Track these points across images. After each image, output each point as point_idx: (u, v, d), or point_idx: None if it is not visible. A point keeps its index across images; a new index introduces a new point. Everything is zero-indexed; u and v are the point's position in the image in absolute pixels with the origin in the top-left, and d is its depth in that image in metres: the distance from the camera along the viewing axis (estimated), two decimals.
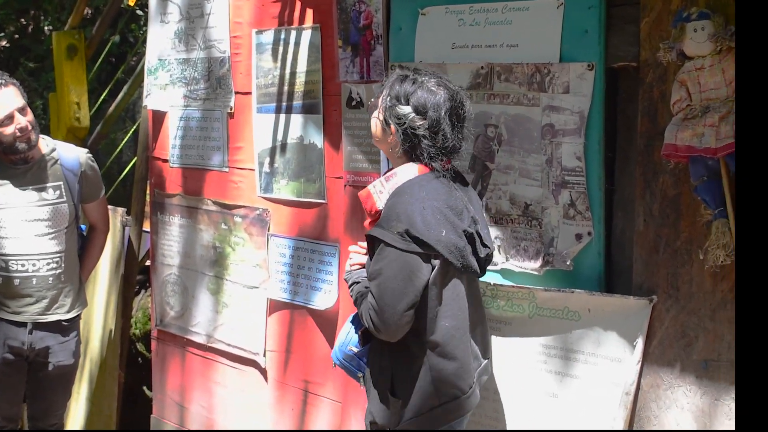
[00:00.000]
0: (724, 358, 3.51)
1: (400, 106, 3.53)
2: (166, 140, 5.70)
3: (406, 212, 3.42)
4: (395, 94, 3.56)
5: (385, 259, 3.43)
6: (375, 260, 3.47)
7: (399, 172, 3.56)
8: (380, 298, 3.42)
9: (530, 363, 4.01)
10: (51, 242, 4.82)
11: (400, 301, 3.41)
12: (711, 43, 3.33)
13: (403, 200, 3.46)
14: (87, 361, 6.32)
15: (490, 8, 4.04)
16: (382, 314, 3.42)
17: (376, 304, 3.43)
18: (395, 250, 3.41)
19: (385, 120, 3.58)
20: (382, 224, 3.45)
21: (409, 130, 3.52)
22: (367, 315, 3.49)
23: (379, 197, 3.57)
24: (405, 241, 3.40)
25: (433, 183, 3.53)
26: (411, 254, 3.41)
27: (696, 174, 3.44)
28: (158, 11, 5.64)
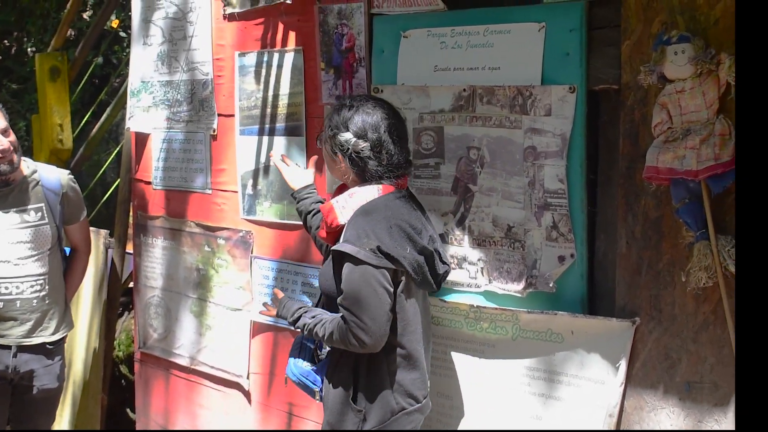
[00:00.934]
0: (706, 380, 3.52)
1: (341, 134, 3.67)
2: (149, 162, 5.69)
3: (374, 230, 3.54)
4: (335, 123, 3.71)
5: (361, 277, 3.52)
6: (349, 279, 3.54)
7: (361, 191, 3.68)
8: (364, 314, 3.51)
9: (514, 385, 4.01)
10: (34, 264, 4.80)
11: (382, 313, 3.53)
12: (691, 66, 3.35)
13: (371, 218, 3.56)
14: (70, 383, 6.29)
15: (472, 31, 4.05)
16: (368, 329, 3.51)
17: (359, 321, 3.51)
18: (369, 267, 3.51)
19: (331, 150, 3.73)
20: (352, 241, 3.53)
21: (354, 155, 3.65)
22: (345, 334, 3.55)
23: (341, 212, 3.66)
24: (377, 257, 3.50)
25: (395, 202, 3.66)
26: (382, 269, 3.52)
27: (677, 196, 3.46)
28: (141, 33, 5.64)
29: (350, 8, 4.45)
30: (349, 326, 3.53)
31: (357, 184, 3.72)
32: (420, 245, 3.62)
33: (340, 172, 3.77)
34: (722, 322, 3.44)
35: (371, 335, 3.52)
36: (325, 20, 4.56)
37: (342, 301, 3.57)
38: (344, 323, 3.55)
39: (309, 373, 3.84)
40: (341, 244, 3.55)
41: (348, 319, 3.53)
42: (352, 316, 3.52)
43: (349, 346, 3.57)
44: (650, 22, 3.56)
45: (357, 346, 3.54)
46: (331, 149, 3.73)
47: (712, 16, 3.41)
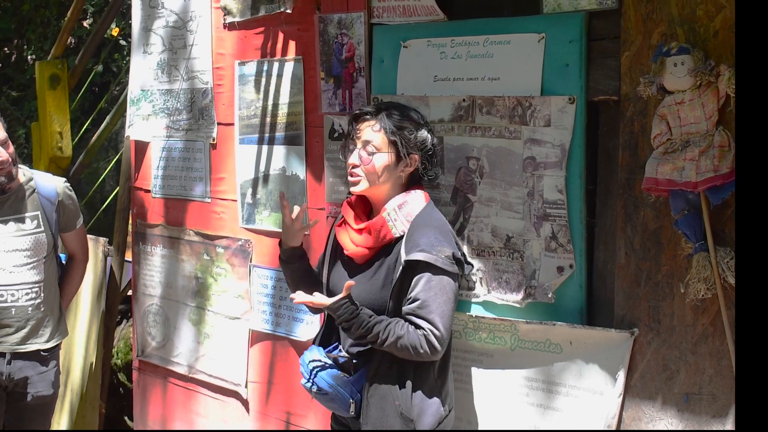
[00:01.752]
0: (705, 391, 3.51)
1: (419, 132, 3.76)
2: (149, 170, 5.69)
3: (446, 238, 3.64)
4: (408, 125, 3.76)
5: (440, 284, 3.57)
6: (427, 286, 3.56)
7: (410, 200, 3.73)
8: (441, 322, 3.56)
9: (512, 395, 4.01)
10: (30, 272, 4.79)
11: (451, 322, 3.63)
12: (691, 78, 3.35)
13: (436, 227, 3.66)
14: (68, 391, 6.28)
15: (472, 41, 4.06)
16: (441, 337, 3.56)
17: (435, 329, 3.55)
18: (446, 275, 3.58)
19: (402, 153, 3.74)
20: (427, 249, 3.55)
21: (431, 149, 3.83)
22: (420, 340, 3.54)
23: (394, 225, 3.69)
24: (451, 264, 3.59)
25: (437, 209, 3.82)
26: (455, 276, 3.63)
27: (676, 208, 3.46)
28: (141, 42, 5.65)
29: (350, 18, 4.46)
30: (425, 333, 3.53)
31: (402, 188, 3.78)
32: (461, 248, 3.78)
33: (391, 180, 3.77)
34: (721, 333, 3.44)
35: (443, 344, 3.57)
36: (325, 30, 4.57)
37: (416, 309, 3.56)
38: (417, 330, 3.55)
39: (347, 383, 3.74)
40: (415, 254, 3.56)
41: (424, 327, 3.54)
42: (428, 323, 3.54)
43: (417, 353, 3.55)
44: (650, 34, 3.57)
45: (428, 353, 3.55)
46: (402, 151, 3.73)
47: (711, 27, 3.41)
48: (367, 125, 3.77)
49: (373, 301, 3.70)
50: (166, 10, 5.46)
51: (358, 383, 3.75)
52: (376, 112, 3.77)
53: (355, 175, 3.77)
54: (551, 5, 3.84)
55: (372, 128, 3.75)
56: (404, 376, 3.66)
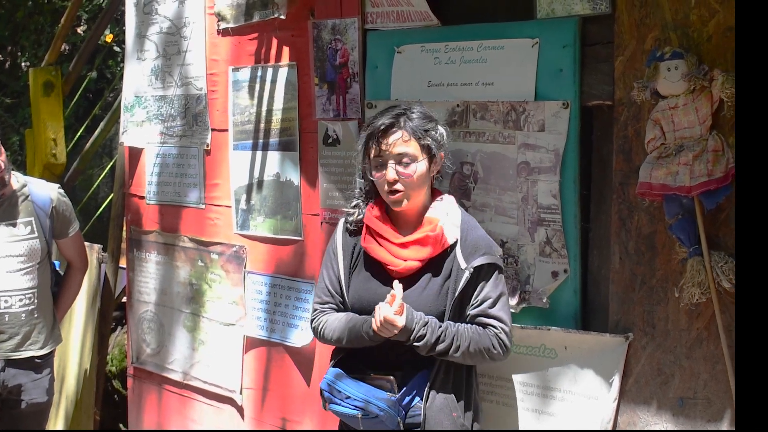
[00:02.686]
0: (700, 395, 3.52)
1: (437, 129, 3.69)
2: (143, 177, 5.69)
3: (492, 239, 3.70)
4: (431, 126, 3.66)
5: (502, 283, 3.63)
6: (495, 285, 3.59)
7: (449, 206, 3.71)
8: (508, 320, 3.61)
9: (507, 401, 4.01)
10: (23, 278, 4.78)
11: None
12: (684, 83, 3.36)
13: (480, 228, 3.70)
14: (62, 398, 6.27)
15: (466, 47, 4.06)
16: (511, 335, 3.61)
17: (506, 327, 3.58)
18: (502, 272, 3.65)
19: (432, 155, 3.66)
20: (490, 252, 3.60)
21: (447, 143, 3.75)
22: (492, 341, 3.55)
23: (449, 232, 3.63)
24: (504, 263, 3.71)
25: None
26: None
27: (671, 212, 3.46)
28: (135, 48, 5.64)
29: (344, 24, 4.46)
30: (497, 332, 3.55)
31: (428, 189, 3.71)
32: None
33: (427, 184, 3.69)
34: (715, 337, 3.44)
35: (512, 341, 3.62)
36: (319, 35, 4.57)
37: (487, 309, 3.56)
38: (488, 330, 3.55)
39: (394, 403, 3.58)
40: (482, 257, 3.56)
41: (495, 326, 3.55)
42: (499, 322, 3.56)
43: (490, 354, 3.55)
44: (643, 39, 3.57)
45: (500, 353, 3.56)
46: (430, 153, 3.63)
47: (705, 32, 3.42)
48: (394, 138, 3.57)
49: (428, 312, 3.56)
50: (160, 16, 5.46)
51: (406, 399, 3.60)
52: (398, 120, 3.60)
53: (397, 192, 3.59)
54: (545, 10, 3.84)
55: (402, 139, 3.57)
56: (458, 386, 3.61)
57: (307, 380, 4.82)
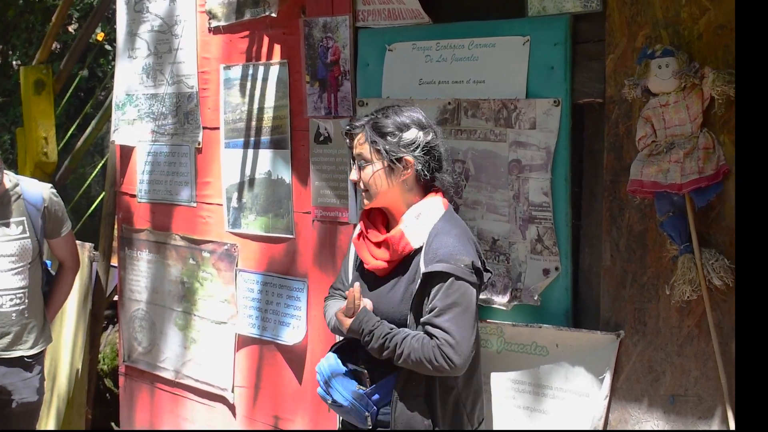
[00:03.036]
0: (691, 393, 3.52)
1: (404, 134, 3.52)
2: (134, 175, 5.68)
3: (464, 246, 3.45)
4: (390, 130, 3.54)
5: (457, 293, 3.38)
6: (445, 295, 3.38)
7: (426, 209, 3.55)
8: (458, 332, 3.35)
9: (499, 398, 4.01)
10: (14, 278, 4.76)
11: (473, 333, 3.42)
12: (675, 80, 3.37)
13: (454, 235, 3.47)
14: (54, 397, 6.26)
15: (457, 44, 4.06)
16: (459, 348, 3.34)
17: (452, 339, 3.33)
18: (465, 284, 3.40)
19: (391, 161, 3.52)
20: (446, 260, 3.38)
21: (427, 148, 3.54)
22: (434, 352, 3.34)
23: (412, 237, 3.51)
24: (471, 274, 3.41)
25: (457, 216, 3.63)
26: (475, 286, 3.45)
27: (661, 210, 3.47)
28: (126, 46, 5.64)
29: (335, 21, 4.46)
30: (440, 344, 3.33)
31: (413, 193, 3.59)
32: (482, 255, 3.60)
33: (397, 187, 3.57)
34: (706, 335, 3.45)
35: (461, 355, 3.34)
36: (310, 33, 4.57)
37: (432, 318, 3.39)
38: (432, 341, 3.36)
39: (362, 396, 3.53)
40: (434, 265, 3.40)
41: (439, 337, 3.34)
42: (444, 333, 3.34)
43: (432, 366, 3.36)
44: (634, 37, 3.58)
45: (444, 366, 3.34)
46: (390, 159, 3.52)
47: (695, 30, 3.42)
48: (356, 140, 3.60)
49: (393, 315, 3.53)
50: (151, 14, 5.45)
51: (375, 396, 3.56)
52: (363, 123, 3.60)
53: (363, 191, 3.64)
54: (536, 8, 3.84)
55: (359, 141, 3.59)
56: (431, 392, 3.50)
57: (299, 378, 4.82)
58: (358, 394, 3.54)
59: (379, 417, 3.54)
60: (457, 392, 3.53)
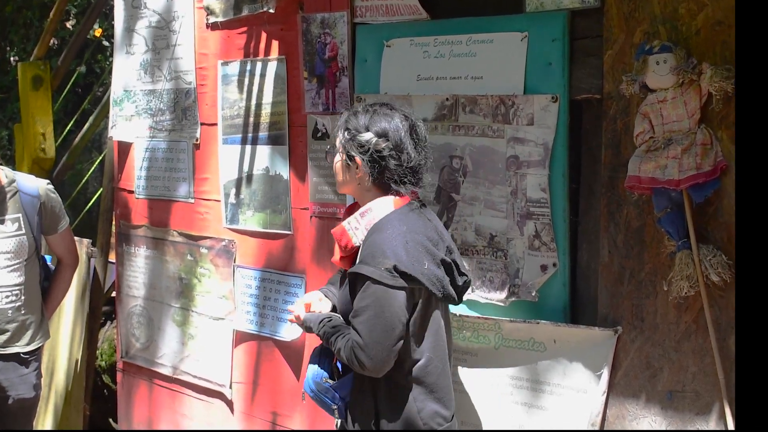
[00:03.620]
0: (688, 389, 3.52)
1: (360, 135, 3.50)
2: (132, 171, 5.68)
3: (391, 248, 3.38)
4: (353, 127, 3.53)
5: (373, 296, 3.36)
6: (361, 297, 3.39)
7: (374, 207, 3.52)
8: (368, 335, 3.35)
9: (497, 394, 4.01)
10: (11, 275, 4.75)
11: (388, 337, 3.36)
12: (673, 76, 3.37)
13: (386, 235, 3.42)
14: (52, 393, 6.26)
15: (455, 40, 4.06)
16: (369, 351, 3.35)
17: (362, 341, 3.36)
18: (382, 287, 3.35)
19: (348, 156, 3.54)
20: (367, 261, 3.39)
21: (375, 155, 3.47)
22: (349, 353, 3.39)
23: (354, 234, 3.52)
24: (393, 277, 3.34)
25: (410, 216, 3.51)
26: (398, 290, 3.37)
27: (659, 206, 3.47)
28: (124, 42, 5.63)
29: (333, 17, 4.46)
30: (353, 345, 3.38)
31: (371, 192, 3.56)
32: (439, 257, 3.49)
33: (354, 182, 3.57)
34: (704, 331, 3.45)
35: (372, 359, 3.35)
36: (308, 29, 4.56)
37: (351, 320, 3.44)
38: (350, 342, 3.41)
39: (328, 389, 3.60)
40: (357, 266, 3.42)
41: (354, 339, 3.39)
42: (357, 336, 3.38)
43: (353, 365, 3.42)
44: (632, 32, 3.58)
45: (357, 366, 3.40)
46: (348, 155, 3.54)
47: (693, 26, 3.42)
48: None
49: (345, 311, 3.59)
50: (149, 10, 5.45)
51: (342, 390, 3.60)
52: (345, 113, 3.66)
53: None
54: (534, 4, 3.84)
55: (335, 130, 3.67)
56: (377, 392, 3.53)
57: (297, 374, 4.82)
58: (322, 387, 3.60)
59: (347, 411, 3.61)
60: (407, 391, 3.50)
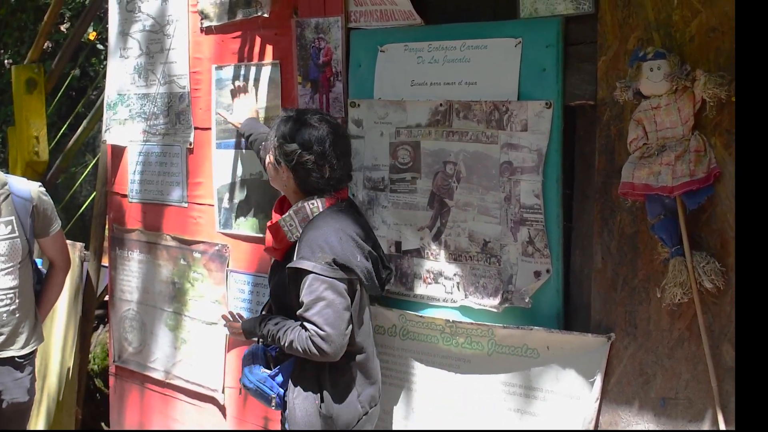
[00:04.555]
0: (681, 396, 3.52)
1: (286, 144, 3.77)
2: (126, 175, 5.67)
3: (328, 243, 3.68)
4: (281, 134, 3.81)
5: (319, 288, 3.64)
6: (308, 291, 3.66)
7: (306, 206, 3.82)
8: (325, 324, 3.62)
9: (490, 401, 4.01)
10: (5, 278, 4.73)
11: (342, 322, 3.67)
12: (667, 83, 3.37)
13: (322, 232, 3.71)
14: (44, 397, 6.24)
15: (449, 46, 4.06)
16: (329, 338, 3.62)
17: (320, 330, 3.61)
18: (326, 279, 3.64)
19: (275, 160, 3.84)
20: (308, 256, 3.67)
21: (299, 166, 3.78)
22: (307, 342, 3.63)
23: (289, 230, 3.84)
24: (333, 269, 3.65)
25: (341, 213, 3.83)
26: (339, 281, 3.67)
27: (653, 212, 3.47)
28: (118, 46, 5.63)
29: (327, 22, 4.45)
30: (310, 335, 3.63)
31: (297, 194, 3.88)
32: (367, 250, 3.82)
33: (281, 182, 3.90)
34: (697, 338, 3.45)
35: (331, 344, 3.62)
36: (302, 34, 4.56)
37: (303, 313, 3.67)
38: (305, 332, 3.65)
39: (266, 378, 3.88)
40: (298, 261, 3.69)
41: (309, 329, 3.64)
42: (312, 326, 3.63)
43: (309, 354, 3.65)
44: (626, 39, 3.58)
45: (318, 355, 3.63)
46: (276, 159, 3.83)
47: (687, 32, 3.42)
48: None
49: (281, 299, 3.93)
50: (143, 14, 5.44)
51: (280, 376, 3.88)
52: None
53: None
54: (528, 10, 3.84)
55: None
56: (321, 377, 3.79)
57: None
58: (262, 377, 3.88)
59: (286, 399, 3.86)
60: (350, 375, 3.84)
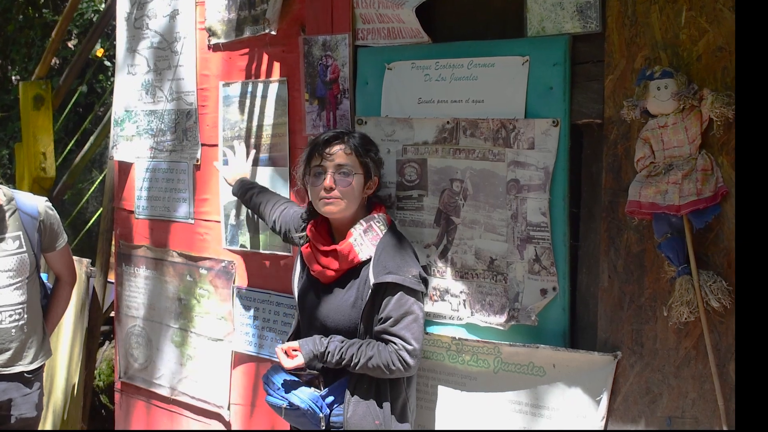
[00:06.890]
0: (688, 415, 3.51)
1: (378, 154, 3.97)
2: (132, 191, 5.68)
3: (410, 258, 3.84)
4: (372, 147, 4.00)
5: (408, 302, 3.74)
6: (398, 305, 3.73)
7: (374, 224, 3.90)
8: (412, 338, 3.73)
9: (496, 419, 4.00)
10: (13, 293, 4.75)
11: (421, 337, 3.80)
12: (674, 102, 3.37)
13: (401, 248, 3.85)
14: (50, 412, 6.25)
15: (456, 64, 4.06)
16: (415, 352, 3.74)
17: (408, 345, 3.72)
18: (415, 293, 3.76)
19: (367, 172, 3.94)
20: (395, 271, 3.74)
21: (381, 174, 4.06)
22: (392, 357, 3.71)
23: (360, 249, 3.85)
24: (419, 283, 3.78)
25: (398, 230, 3.99)
26: (420, 294, 3.81)
27: (659, 231, 3.46)
28: (126, 62, 5.64)
29: (335, 40, 4.46)
30: (398, 349, 3.71)
31: (360, 211, 3.96)
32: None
33: (357, 199, 3.92)
34: (704, 357, 3.44)
35: (415, 358, 3.74)
36: (309, 51, 4.57)
37: (390, 327, 3.73)
38: (391, 346, 3.72)
39: (317, 398, 3.86)
40: (385, 276, 3.74)
41: (396, 343, 3.72)
42: (399, 340, 3.72)
43: (390, 370, 3.72)
44: (633, 58, 3.58)
45: (401, 369, 3.72)
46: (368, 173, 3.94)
47: (694, 51, 3.42)
48: (338, 149, 3.91)
49: (342, 319, 3.89)
50: (151, 31, 5.46)
51: (329, 398, 3.86)
52: (342, 137, 3.94)
53: (331, 199, 3.87)
54: (535, 28, 3.85)
55: (344, 152, 3.90)
56: (382, 395, 3.81)
57: None
58: (314, 396, 3.87)
59: (331, 418, 3.85)
60: (405, 396, 3.91)
